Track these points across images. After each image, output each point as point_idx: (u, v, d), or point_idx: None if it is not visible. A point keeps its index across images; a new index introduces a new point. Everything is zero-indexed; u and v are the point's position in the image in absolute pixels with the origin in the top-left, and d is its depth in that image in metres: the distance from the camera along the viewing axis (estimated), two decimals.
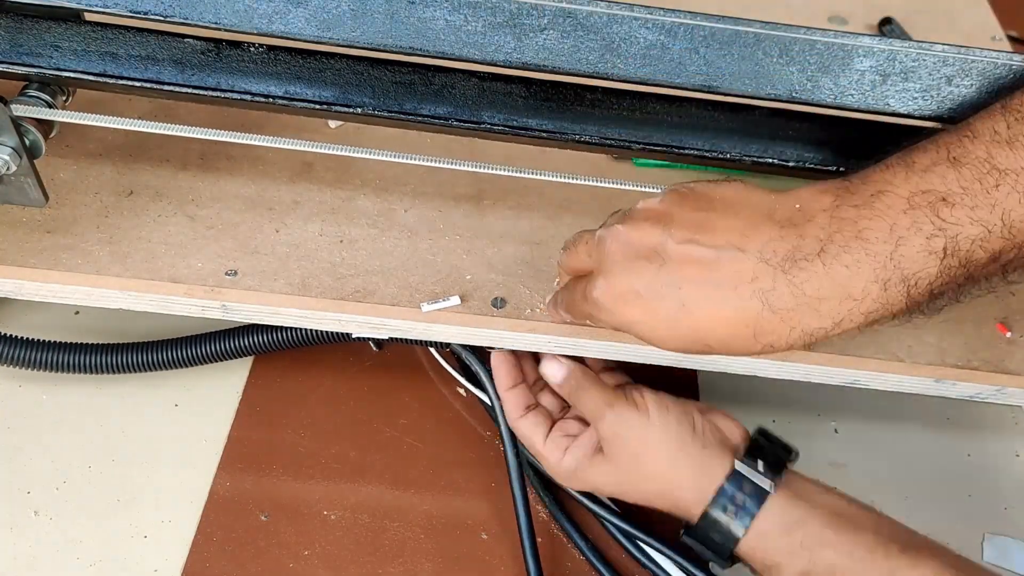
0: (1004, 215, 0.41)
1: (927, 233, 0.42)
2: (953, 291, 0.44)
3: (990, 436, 0.69)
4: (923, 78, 0.50)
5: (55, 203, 0.59)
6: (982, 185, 0.42)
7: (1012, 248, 0.42)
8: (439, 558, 0.58)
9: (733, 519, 0.50)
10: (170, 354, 0.60)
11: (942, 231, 0.42)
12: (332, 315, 0.56)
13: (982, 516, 0.64)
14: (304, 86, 0.53)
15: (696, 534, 0.52)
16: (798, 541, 0.49)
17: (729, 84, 0.50)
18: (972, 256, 0.42)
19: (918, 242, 0.42)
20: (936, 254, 0.42)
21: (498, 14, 0.49)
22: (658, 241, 0.45)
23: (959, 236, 0.42)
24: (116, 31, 0.52)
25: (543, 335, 0.57)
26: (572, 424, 0.58)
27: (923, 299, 0.44)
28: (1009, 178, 0.41)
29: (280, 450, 0.62)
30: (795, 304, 0.43)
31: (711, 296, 0.44)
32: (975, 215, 0.42)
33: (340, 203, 0.62)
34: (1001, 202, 0.41)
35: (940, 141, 0.44)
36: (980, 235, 0.42)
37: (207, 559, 0.56)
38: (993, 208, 0.41)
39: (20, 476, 0.59)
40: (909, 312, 0.44)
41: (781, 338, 0.44)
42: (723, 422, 0.55)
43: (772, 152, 0.55)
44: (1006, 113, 0.43)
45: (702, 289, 0.44)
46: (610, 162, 0.68)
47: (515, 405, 0.58)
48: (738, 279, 0.44)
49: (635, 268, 0.46)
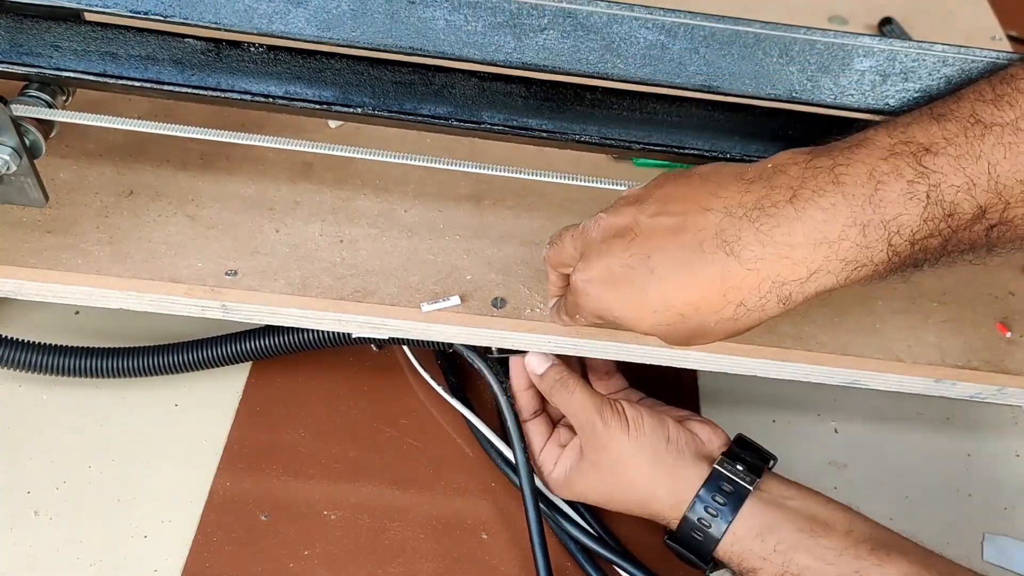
0: (990, 168, 0.40)
1: (908, 177, 0.40)
2: (937, 249, 0.42)
3: (990, 436, 0.69)
4: (923, 78, 0.50)
5: (55, 203, 0.59)
6: (967, 137, 0.40)
7: (998, 204, 0.41)
8: (439, 558, 0.58)
9: (711, 524, 0.52)
10: (169, 359, 0.60)
11: (924, 176, 0.40)
12: (332, 315, 0.56)
13: (982, 516, 0.64)
14: (304, 86, 0.53)
15: (677, 539, 0.54)
16: (772, 547, 0.50)
17: (729, 84, 0.50)
18: (957, 208, 0.41)
19: (899, 186, 0.40)
20: (918, 199, 0.40)
21: (498, 14, 0.49)
22: (632, 219, 0.46)
23: (942, 184, 0.40)
24: (116, 31, 0.52)
25: (543, 335, 0.57)
26: (565, 433, 0.60)
27: (906, 251, 0.42)
28: (995, 131, 0.40)
29: (280, 450, 0.62)
30: (763, 252, 0.42)
31: (676, 257, 0.44)
32: (959, 164, 0.40)
33: (340, 203, 0.62)
34: (987, 154, 0.40)
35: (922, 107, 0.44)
36: (964, 184, 0.40)
37: (207, 559, 0.56)
38: (979, 159, 0.40)
39: (20, 476, 0.59)
40: (892, 267, 0.42)
41: (752, 294, 0.42)
42: (701, 430, 0.56)
43: (772, 152, 0.55)
44: (991, 81, 0.43)
45: (669, 253, 0.44)
46: (610, 162, 0.68)
47: (526, 407, 0.60)
48: (703, 236, 0.43)
49: (610, 248, 0.46)
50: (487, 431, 0.62)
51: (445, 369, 0.66)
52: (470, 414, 0.62)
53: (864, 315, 0.60)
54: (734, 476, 0.52)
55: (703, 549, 0.52)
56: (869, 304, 0.61)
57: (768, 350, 0.58)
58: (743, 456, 0.54)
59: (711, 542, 0.52)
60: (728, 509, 0.51)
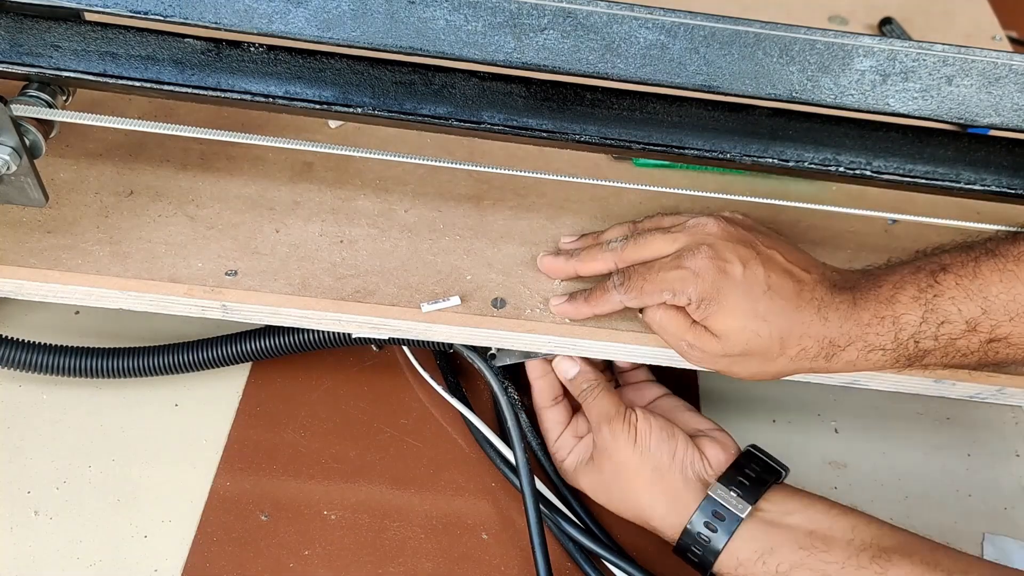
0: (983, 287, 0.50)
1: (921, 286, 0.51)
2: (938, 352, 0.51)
3: (990, 436, 0.69)
4: (923, 78, 0.50)
5: (55, 203, 0.59)
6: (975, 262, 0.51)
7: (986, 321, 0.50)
8: (439, 558, 0.58)
9: (707, 543, 0.53)
10: (169, 360, 0.60)
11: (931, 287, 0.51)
12: (332, 315, 0.56)
13: (982, 516, 0.64)
14: (304, 86, 0.53)
15: (678, 553, 0.55)
16: (774, 568, 0.51)
17: (729, 84, 0.50)
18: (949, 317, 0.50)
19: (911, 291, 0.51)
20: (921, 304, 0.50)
21: (498, 14, 0.49)
22: (751, 237, 0.54)
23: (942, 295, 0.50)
24: (116, 31, 0.52)
25: (542, 335, 0.57)
26: (583, 425, 0.60)
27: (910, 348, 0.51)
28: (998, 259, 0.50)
29: (280, 450, 0.62)
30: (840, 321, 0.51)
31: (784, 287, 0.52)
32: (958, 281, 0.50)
33: (340, 203, 0.62)
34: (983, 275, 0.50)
35: None
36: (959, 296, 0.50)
37: (207, 559, 0.56)
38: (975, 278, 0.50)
39: (20, 476, 0.59)
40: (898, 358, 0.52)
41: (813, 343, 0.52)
42: (710, 447, 0.56)
43: (772, 152, 0.55)
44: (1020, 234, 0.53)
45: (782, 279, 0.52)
46: (610, 162, 0.68)
47: (545, 395, 0.61)
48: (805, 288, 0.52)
49: (736, 247, 0.53)
50: (486, 430, 0.62)
51: (444, 369, 0.66)
52: (469, 413, 0.62)
53: None
54: (726, 504, 0.53)
55: (702, 566, 0.54)
56: None
57: None
58: (746, 473, 0.54)
59: (707, 563, 0.53)
60: (721, 534, 0.52)
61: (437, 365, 0.66)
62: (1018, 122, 0.51)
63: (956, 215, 0.59)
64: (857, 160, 0.55)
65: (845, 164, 0.55)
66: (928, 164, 0.55)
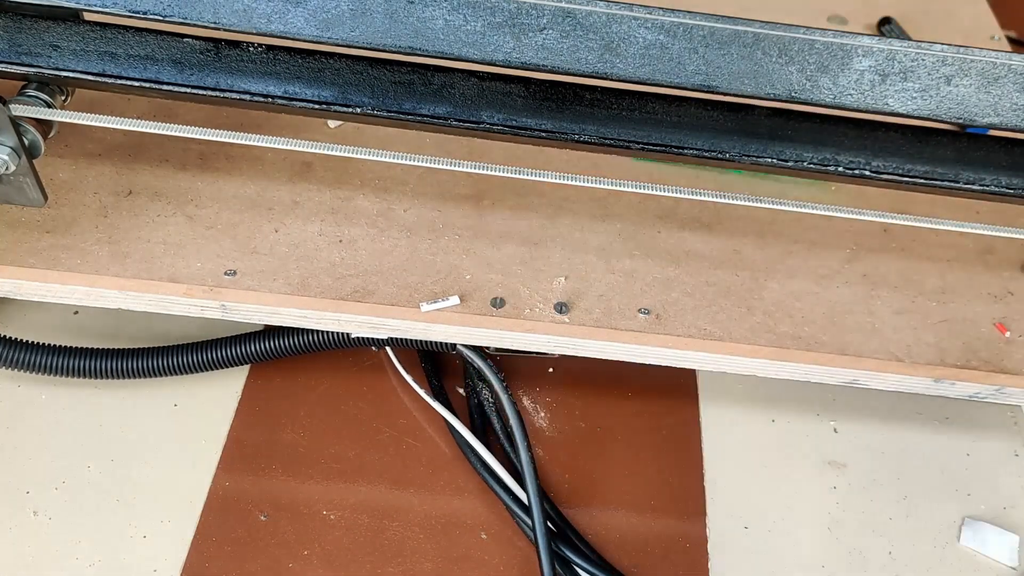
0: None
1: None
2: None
3: (989, 436, 0.69)
4: (922, 78, 0.50)
5: (54, 203, 0.59)
6: None
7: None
8: (439, 558, 0.58)
9: None
10: (169, 361, 0.60)
11: None
12: (331, 315, 0.56)
13: (982, 516, 0.64)
14: (304, 86, 0.53)
15: None
16: None
17: (728, 84, 0.50)
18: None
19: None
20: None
21: (497, 14, 0.49)
22: None
23: None
24: (115, 31, 0.52)
25: (542, 335, 0.57)
26: None
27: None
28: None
29: (279, 450, 0.62)
30: None
31: None
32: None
33: (340, 203, 0.62)
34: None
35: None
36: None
37: (207, 559, 0.56)
38: None
39: (19, 476, 0.59)
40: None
41: None
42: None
43: (771, 152, 0.55)
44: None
45: None
46: (609, 161, 0.68)
47: None
48: None
49: None
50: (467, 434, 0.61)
51: (428, 372, 0.66)
52: (452, 417, 0.62)
53: (863, 315, 0.60)
54: None
55: None
56: (869, 304, 0.61)
57: (768, 350, 0.58)
58: None
59: None
60: None
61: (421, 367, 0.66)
62: (1017, 122, 0.51)
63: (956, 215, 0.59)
64: (856, 160, 0.55)
65: (844, 164, 0.55)
66: (927, 164, 0.55)
